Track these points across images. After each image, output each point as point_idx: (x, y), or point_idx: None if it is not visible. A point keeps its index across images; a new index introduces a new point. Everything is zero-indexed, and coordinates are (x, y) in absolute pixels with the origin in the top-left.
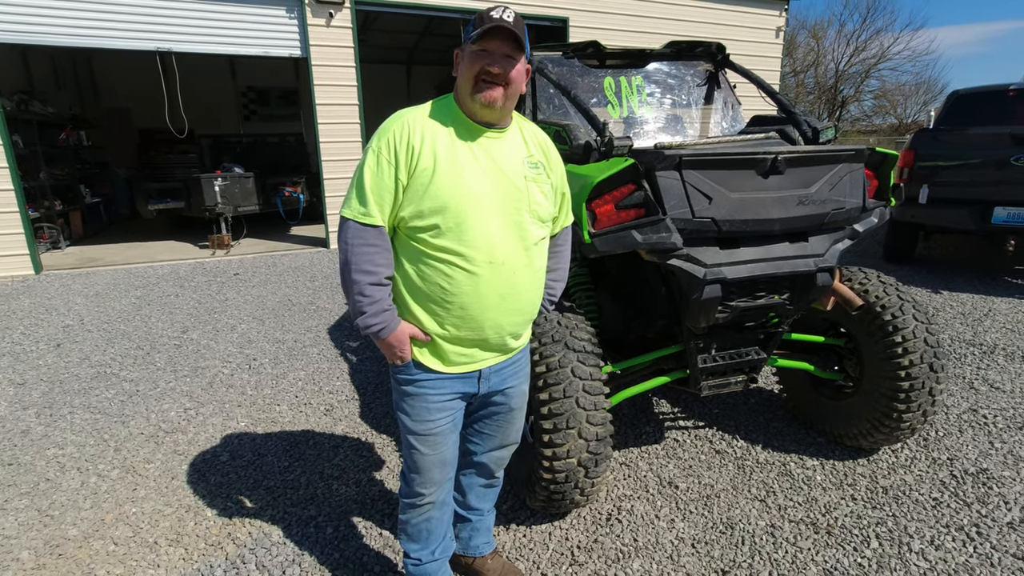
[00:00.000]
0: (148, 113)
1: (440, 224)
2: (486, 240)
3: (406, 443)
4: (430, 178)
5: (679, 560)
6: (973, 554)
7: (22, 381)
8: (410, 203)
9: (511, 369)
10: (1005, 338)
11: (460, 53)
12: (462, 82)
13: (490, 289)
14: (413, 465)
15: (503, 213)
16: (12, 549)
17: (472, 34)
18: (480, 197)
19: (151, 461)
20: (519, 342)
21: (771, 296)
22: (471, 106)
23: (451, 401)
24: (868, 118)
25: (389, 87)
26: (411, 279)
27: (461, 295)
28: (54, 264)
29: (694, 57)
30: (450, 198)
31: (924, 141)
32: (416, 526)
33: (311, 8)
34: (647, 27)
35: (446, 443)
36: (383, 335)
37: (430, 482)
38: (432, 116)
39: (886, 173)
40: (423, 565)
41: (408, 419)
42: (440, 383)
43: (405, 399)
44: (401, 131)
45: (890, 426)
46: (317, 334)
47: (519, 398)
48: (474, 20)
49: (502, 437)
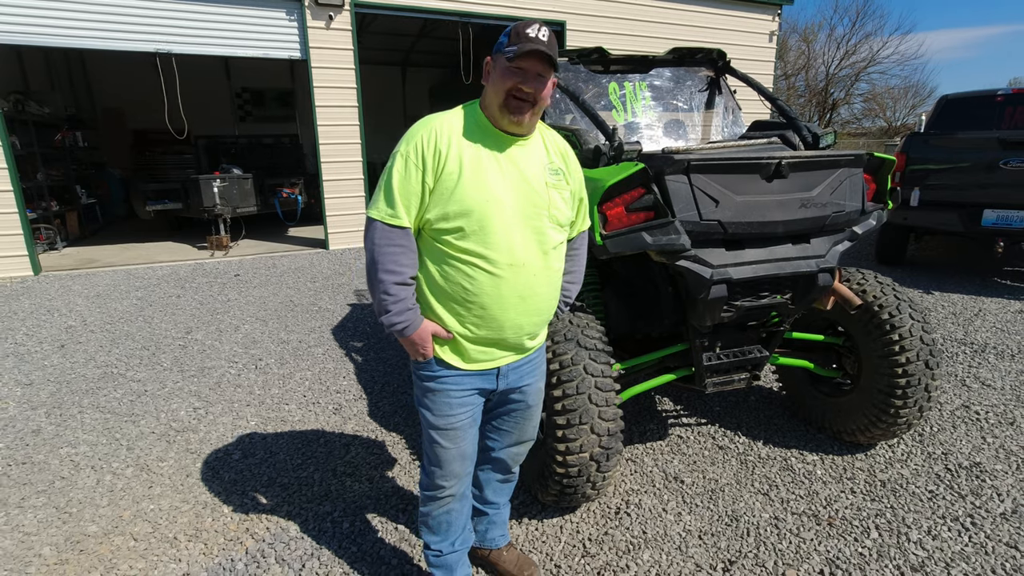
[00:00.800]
0: (143, 114)
1: (464, 227)
2: (508, 243)
3: (428, 437)
4: (456, 182)
5: (687, 551)
6: (968, 543)
7: (29, 382)
8: (436, 206)
9: (528, 367)
10: (995, 337)
11: (491, 63)
12: (492, 94)
13: (510, 290)
14: (435, 458)
15: (524, 218)
16: (33, 545)
17: (507, 51)
18: (503, 202)
19: (164, 459)
20: (536, 341)
21: (774, 296)
22: (499, 118)
23: (471, 396)
24: (858, 121)
25: (385, 89)
26: (434, 279)
27: (482, 295)
28: (53, 265)
29: (696, 63)
30: (474, 202)
31: (915, 145)
32: (437, 518)
33: (311, 10)
34: (643, 31)
35: (466, 437)
36: (406, 333)
37: (451, 475)
38: (459, 123)
39: (884, 177)
40: (444, 556)
41: (430, 414)
42: (460, 379)
43: (427, 395)
44: (429, 136)
45: (887, 421)
46: (321, 334)
47: (536, 395)
48: (509, 33)
49: (519, 433)
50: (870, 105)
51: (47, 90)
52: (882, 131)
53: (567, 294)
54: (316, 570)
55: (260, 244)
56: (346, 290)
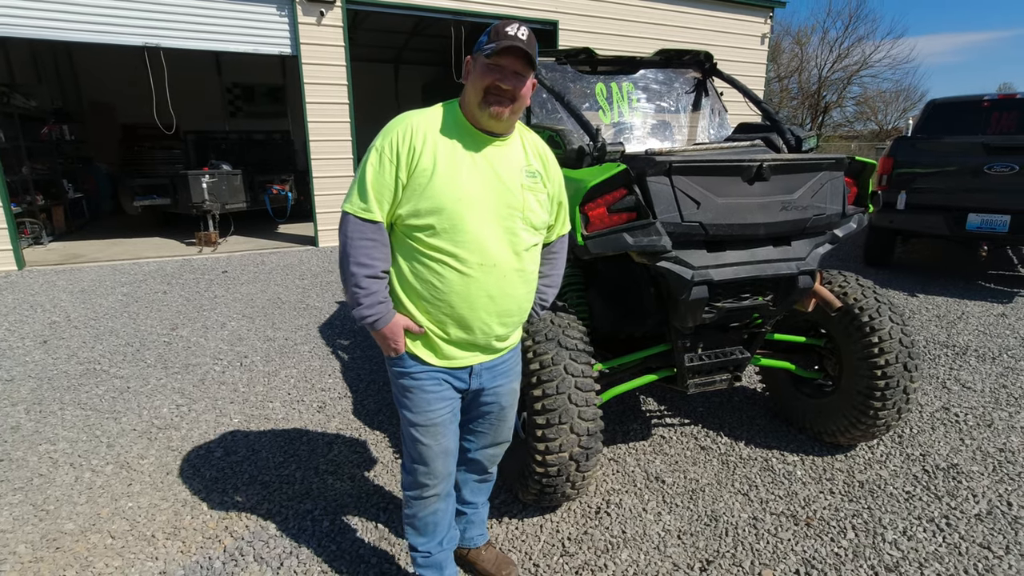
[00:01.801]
0: (132, 108)
1: (435, 224)
2: (479, 243)
3: (409, 436)
4: (428, 179)
5: (665, 551)
6: (942, 544)
7: (9, 377)
8: (408, 201)
9: (502, 367)
10: (977, 340)
11: (471, 62)
12: (471, 92)
13: (480, 290)
14: (418, 457)
15: (497, 218)
16: (8, 543)
17: (486, 48)
18: (475, 201)
19: (145, 457)
20: (507, 343)
21: (755, 297)
22: (477, 116)
23: (446, 391)
24: (850, 124)
25: (377, 86)
26: (405, 275)
27: (451, 294)
28: (37, 260)
29: (683, 65)
30: (446, 199)
31: (902, 148)
32: (423, 519)
33: (302, 6)
34: (636, 31)
35: (447, 433)
36: (377, 326)
37: (434, 473)
38: (437, 120)
39: (865, 181)
40: (433, 557)
41: (409, 412)
42: (433, 374)
43: (404, 393)
44: (404, 131)
45: (867, 423)
46: (308, 332)
47: (509, 396)
48: (489, 32)
49: (494, 435)
50: (862, 108)
51: (34, 83)
52: (874, 134)
53: (543, 297)
54: (294, 568)
55: (249, 241)
56: (334, 288)
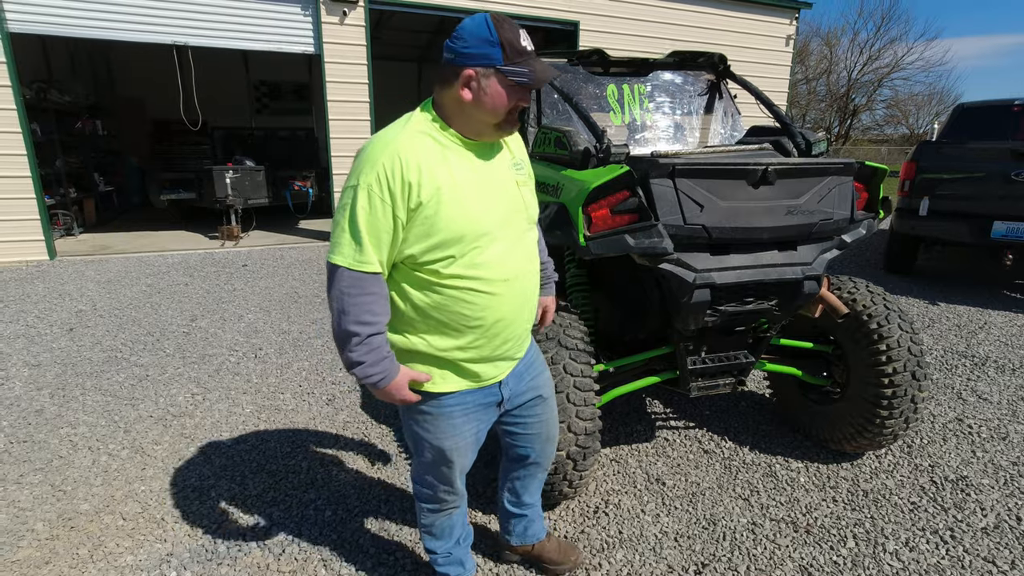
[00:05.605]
0: (162, 104)
1: (455, 254)
2: (499, 260)
3: (428, 461)
4: (435, 211)
5: (661, 552)
6: (945, 556)
7: (36, 363)
8: (417, 241)
9: (526, 360)
10: (998, 351)
11: (477, 76)
12: (484, 113)
13: (507, 305)
14: (440, 477)
15: (507, 226)
16: (27, 520)
17: (511, 71)
18: (488, 218)
19: (159, 443)
20: (529, 339)
21: (759, 302)
22: (484, 133)
23: (476, 412)
24: (880, 127)
25: (400, 85)
26: (421, 309)
27: (484, 317)
28: (68, 250)
29: (696, 67)
30: (462, 227)
31: (927, 153)
32: (440, 526)
33: (325, 6)
34: (657, 32)
35: (470, 452)
36: (381, 385)
37: (456, 490)
38: (421, 142)
39: (876, 186)
40: (453, 555)
41: (431, 436)
42: (463, 397)
43: (425, 422)
44: (392, 165)
45: (873, 431)
46: (322, 326)
47: (548, 385)
48: (502, 45)
49: (546, 431)
50: (892, 112)
51: (69, 78)
52: (904, 139)
53: (547, 273)
54: (295, 555)
55: (270, 235)
56: None
